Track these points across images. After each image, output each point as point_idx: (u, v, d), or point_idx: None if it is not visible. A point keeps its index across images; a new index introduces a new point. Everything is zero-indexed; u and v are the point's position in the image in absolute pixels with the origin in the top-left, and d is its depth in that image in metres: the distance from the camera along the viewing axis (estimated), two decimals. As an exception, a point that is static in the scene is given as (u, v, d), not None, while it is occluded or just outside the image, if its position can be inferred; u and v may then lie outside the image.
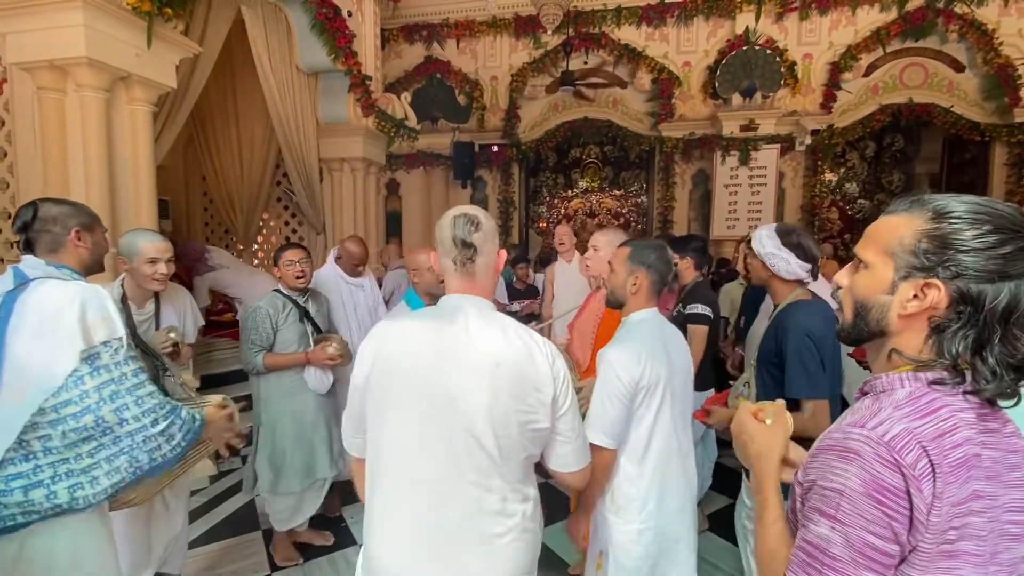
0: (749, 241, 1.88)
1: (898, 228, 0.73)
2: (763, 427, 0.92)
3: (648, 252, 1.58)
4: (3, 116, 2.81)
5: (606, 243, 2.27)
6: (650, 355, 1.48)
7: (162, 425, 1.29)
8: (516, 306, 4.50)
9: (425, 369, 1.06)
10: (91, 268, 1.51)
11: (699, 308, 2.63)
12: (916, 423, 0.65)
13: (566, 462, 1.16)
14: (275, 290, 2.52)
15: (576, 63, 6.89)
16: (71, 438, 1.22)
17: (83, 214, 1.49)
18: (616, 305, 1.65)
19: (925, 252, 0.69)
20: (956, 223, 0.68)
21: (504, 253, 1.21)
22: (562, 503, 2.79)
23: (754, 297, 3.07)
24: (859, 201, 7.53)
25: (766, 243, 1.79)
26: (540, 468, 1.19)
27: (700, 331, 2.60)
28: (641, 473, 1.51)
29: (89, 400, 1.22)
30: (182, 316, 2.21)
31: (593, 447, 1.44)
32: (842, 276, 0.81)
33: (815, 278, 1.80)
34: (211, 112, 5.23)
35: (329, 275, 3.03)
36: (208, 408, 1.52)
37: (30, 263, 1.38)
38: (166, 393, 1.60)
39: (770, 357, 1.73)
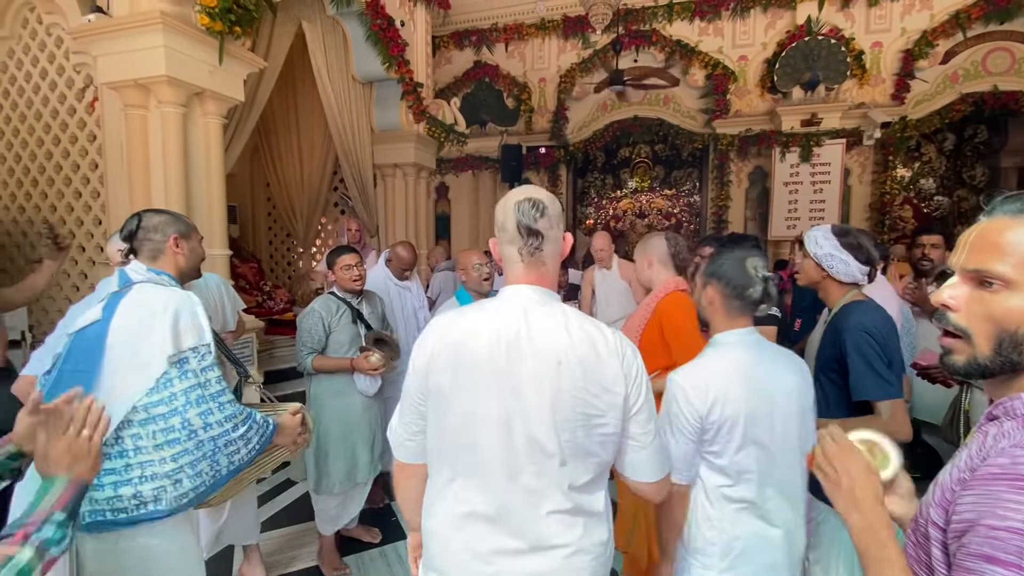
0: (801, 241, 1.82)
1: None
2: (870, 465, 0.76)
3: (721, 261, 1.38)
4: (95, 132, 3.09)
5: (638, 253, 2.18)
6: (722, 385, 1.27)
7: (241, 429, 1.36)
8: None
9: (487, 361, 0.98)
10: (187, 274, 1.61)
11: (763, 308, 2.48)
12: None
13: (640, 470, 1.05)
14: (330, 292, 2.60)
15: (626, 61, 6.78)
16: (159, 439, 1.29)
17: (180, 223, 1.60)
18: (704, 325, 1.46)
19: None
20: None
21: (570, 237, 1.10)
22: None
23: (803, 300, 2.91)
24: (936, 198, 6.97)
25: (823, 243, 1.73)
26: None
27: (770, 332, 2.40)
28: (722, 514, 1.31)
29: (177, 403, 1.29)
30: (215, 306, 2.28)
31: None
32: (955, 297, 0.67)
33: (871, 280, 1.74)
34: (274, 122, 5.53)
35: (378, 276, 3.16)
36: (283, 415, 1.56)
37: (134, 267, 1.51)
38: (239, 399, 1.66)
39: (830, 363, 1.66)
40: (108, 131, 2.98)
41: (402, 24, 4.69)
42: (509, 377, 0.97)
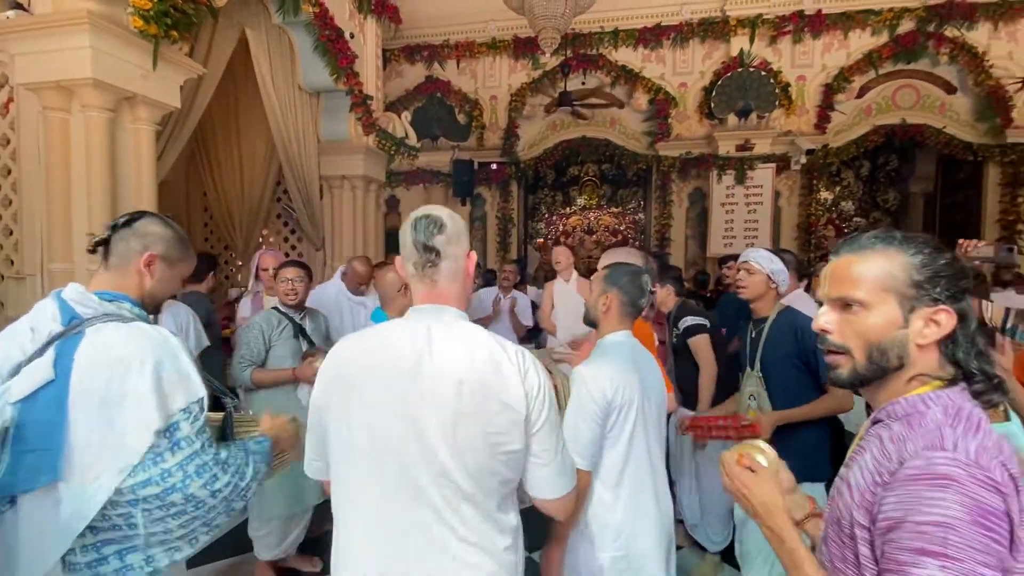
0: (727, 260, 2.11)
1: (881, 265, 0.76)
2: (753, 476, 0.90)
3: (621, 275, 1.61)
4: (8, 135, 2.86)
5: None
6: (622, 375, 1.47)
7: (250, 472, 1.19)
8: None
9: (382, 389, 0.98)
10: (147, 305, 1.26)
11: (690, 320, 2.65)
12: (980, 439, 0.65)
13: (541, 487, 1.05)
14: (274, 308, 2.57)
15: (574, 83, 7.01)
16: (157, 515, 1.08)
17: (173, 245, 1.26)
18: (591, 324, 1.68)
19: (924, 283, 0.74)
20: (932, 252, 0.75)
21: (474, 255, 1.12)
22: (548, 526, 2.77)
23: (727, 311, 3.12)
24: (855, 219, 7.60)
25: (776, 262, 2.11)
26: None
27: (703, 340, 2.62)
28: (616, 497, 1.48)
29: (173, 479, 1.06)
30: (184, 331, 2.22)
31: None
32: (829, 322, 0.81)
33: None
34: (213, 129, 5.31)
35: (333, 290, 3.10)
36: (265, 426, 1.42)
37: (75, 294, 1.16)
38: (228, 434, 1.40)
39: (789, 358, 2.02)
40: (23, 135, 2.77)
41: (351, 36, 4.65)
42: (410, 400, 0.97)
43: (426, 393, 0.97)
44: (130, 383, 1.06)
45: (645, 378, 1.54)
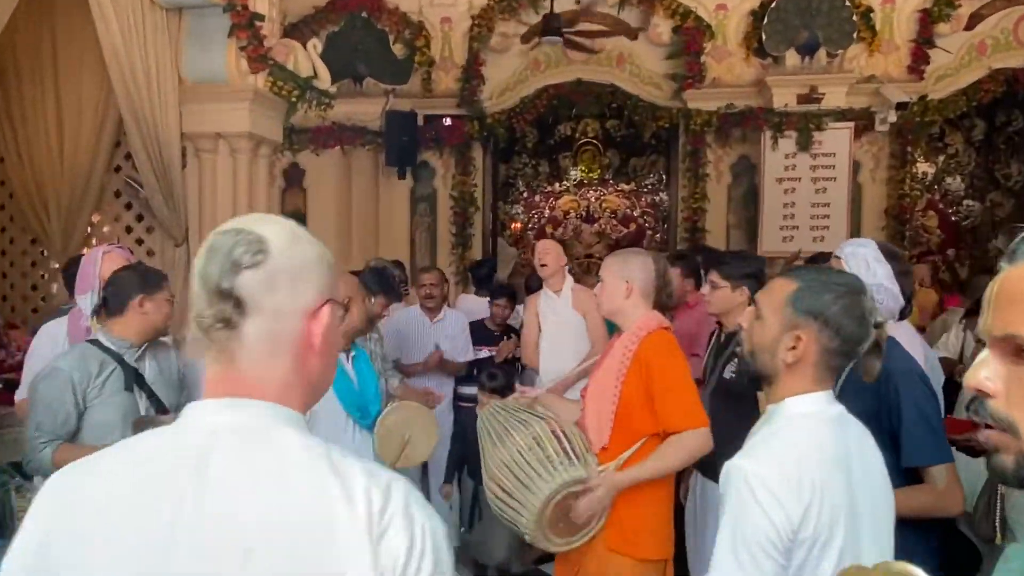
0: (812, 259, 2.05)
1: None
2: None
3: (823, 293, 1.35)
4: None
5: (612, 272, 2.28)
6: (820, 480, 1.25)
7: None
8: (484, 352, 4.62)
9: (124, 558, 0.83)
10: None
11: None
12: None
13: None
14: (90, 340, 2.40)
15: (565, 2, 7.06)
16: None
17: None
18: (758, 377, 1.45)
19: None
20: None
21: (327, 314, 0.93)
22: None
23: None
24: (966, 202, 7.82)
25: (876, 269, 2.03)
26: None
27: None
28: None
29: None
30: None
31: None
32: (992, 377, 0.69)
33: (901, 319, 2.11)
34: (16, 64, 5.21)
35: None
36: None
37: None
38: None
39: (871, 419, 1.92)
40: None
41: (231, -75, 4.60)
42: None
43: (184, 571, 0.81)
44: None
45: (857, 474, 1.32)
